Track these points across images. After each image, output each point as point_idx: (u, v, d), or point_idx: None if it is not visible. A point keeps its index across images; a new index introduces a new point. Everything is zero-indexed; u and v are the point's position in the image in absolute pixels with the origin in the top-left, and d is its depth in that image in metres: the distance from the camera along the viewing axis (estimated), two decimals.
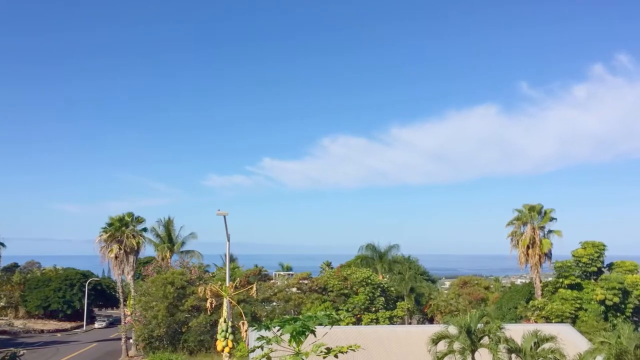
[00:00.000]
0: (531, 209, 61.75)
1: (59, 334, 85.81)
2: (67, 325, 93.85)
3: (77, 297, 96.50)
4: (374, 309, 66.08)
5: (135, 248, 63.20)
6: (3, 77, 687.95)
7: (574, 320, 56.00)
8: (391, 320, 65.34)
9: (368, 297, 65.69)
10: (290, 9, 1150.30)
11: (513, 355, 28.21)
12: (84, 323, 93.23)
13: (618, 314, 58.31)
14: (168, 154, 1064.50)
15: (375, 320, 64.14)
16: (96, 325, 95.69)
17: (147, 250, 70.59)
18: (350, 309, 64.41)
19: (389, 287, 70.21)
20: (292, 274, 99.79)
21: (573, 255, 62.54)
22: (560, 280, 61.07)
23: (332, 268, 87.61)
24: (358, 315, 65.01)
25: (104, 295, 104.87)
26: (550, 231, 61.81)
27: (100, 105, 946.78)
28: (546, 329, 31.72)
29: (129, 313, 65.17)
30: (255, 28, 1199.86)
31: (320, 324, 7.03)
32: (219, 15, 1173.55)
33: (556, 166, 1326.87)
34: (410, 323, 71.77)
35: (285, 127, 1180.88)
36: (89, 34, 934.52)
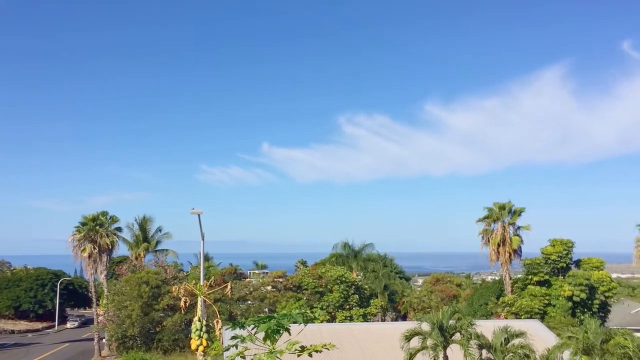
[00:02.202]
0: (501, 207, 62.87)
1: (30, 335, 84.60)
2: (39, 325, 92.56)
3: (48, 297, 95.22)
4: (348, 306, 66.60)
5: (109, 247, 62.67)
6: None
7: (542, 316, 57.17)
8: (365, 318, 65.93)
9: (342, 295, 66.17)
10: None
11: (484, 351, 28.68)
12: (56, 323, 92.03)
13: (585, 310, 59.71)
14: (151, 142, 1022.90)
15: (349, 318, 64.64)
16: (68, 325, 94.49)
17: (121, 249, 70.07)
18: (324, 307, 64.81)
19: (363, 285, 70.83)
20: (267, 273, 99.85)
21: (542, 253, 63.77)
22: (530, 277, 62.34)
23: (306, 266, 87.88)
24: (332, 313, 65.45)
25: (76, 294, 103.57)
26: (519, 227, 63.01)
27: (79, 96, 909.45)
28: (516, 324, 32.36)
29: (101, 313, 64.59)
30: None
31: (295, 322, 7.29)
32: None
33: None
34: (383, 320, 72.47)
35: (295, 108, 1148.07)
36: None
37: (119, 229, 66.12)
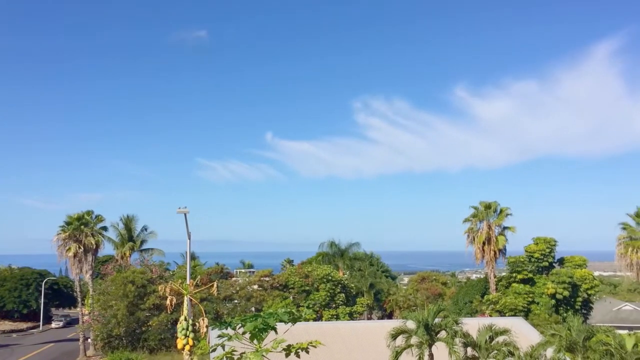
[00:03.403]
0: (487, 206, 63.42)
1: (14, 335, 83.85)
2: (23, 325, 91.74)
3: (33, 296, 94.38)
4: (334, 305, 66.85)
5: (95, 247, 62.35)
6: None
7: (526, 314, 57.76)
8: (351, 316, 66.22)
9: (329, 294, 66.40)
10: None
11: (469, 349, 28.88)
12: (41, 323, 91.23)
13: (568, 307, 60.43)
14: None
15: (335, 317, 64.89)
16: (53, 325, 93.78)
17: (107, 249, 69.71)
18: (311, 306, 64.97)
19: (349, 283, 71.09)
20: (253, 272, 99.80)
21: (526, 251, 64.42)
22: (514, 275, 62.98)
23: (293, 265, 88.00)
24: (319, 312, 65.65)
25: (61, 294, 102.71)
26: (505, 228, 63.61)
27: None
28: (500, 322, 32.61)
29: (87, 312, 64.25)
30: None
31: (281, 321, 7.41)
32: None
33: None
34: (370, 318, 72.78)
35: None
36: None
37: (105, 229, 65.84)
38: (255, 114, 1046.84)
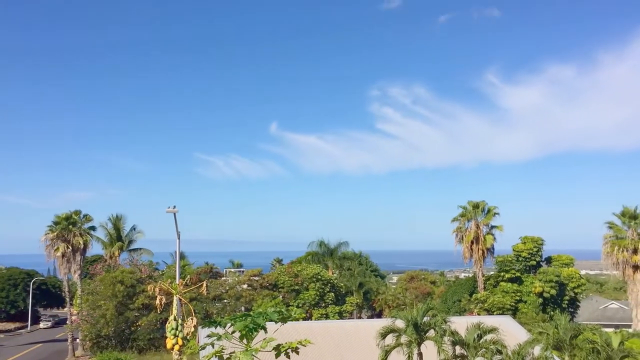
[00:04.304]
0: (475, 206, 63.83)
1: (1, 335, 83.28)
2: (11, 325, 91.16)
3: (21, 296, 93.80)
4: (323, 304, 66.97)
5: (83, 247, 62.10)
6: None
7: (514, 312, 58.25)
8: (341, 315, 66.35)
9: (318, 293, 66.52)
10: None
11: (457, 347, 29.09)
12: (29, 323, 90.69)
13: (555, 306, 61.02)
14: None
15: (325, 316, 65.00)
16: (41, 325, 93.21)
17: (95, 249, 69.42)
18: (300, 305, 65.07)
19: (339, 283, 71.26)
20: (242, 271, 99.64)
21: (513, 250, 64.95)
22: (502, 274, 63.47)
23: (282, 265, 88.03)
24: (308, 311, 65.74)
25: (49, 294, 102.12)
26: (493, 227, 64.07)
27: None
28: (488, 321, 32.82)
29: (75, 312, 63.93)
30: None
31: (271, 321, 7.48)
32: None
33: None
34: (359, 318, 72.98)
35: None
36: None
37: (93, 228, 65.62)
38: (261, 105, 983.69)
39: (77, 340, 63.01)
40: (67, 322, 64.97)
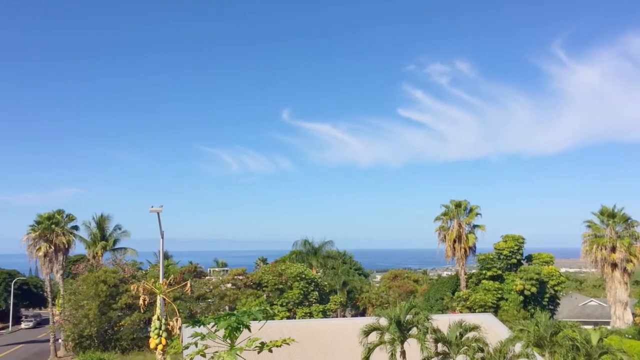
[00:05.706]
0: (457, 205, 64.42)
1: None
2: None
3: (2, 297, 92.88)
4: (307, 303, 67.14)
5: (65, 246, 61.64)
6: None
7: (495, 310, 58.94)
8: (324, 314, 66.59)
9: (302, 292, 66.67)
10: None
11: (440, 345, 29.38)
12: (10, 324, 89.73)
13: (536, 303, 61.79)
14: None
15: (309, 314, 65.19)
16: (23, 325, 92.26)
17: (78, 248, 68.92)
18: (284, 304, 65.18)
19: (323, 281, 71.50)
20: (227, 270, 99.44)
21: (495, 248, 65.63)
22: (484, 272, 64.16)
23: (267, 264, 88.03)
24: (292, 310, 65.88)
25: (31, 294, 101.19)
26: (475, 226, 64.70)
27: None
28: (470, 318, 33.18)
29: (57, 312, 63.44)
30: None
31: (255, 319, 7.61)
32: None
33: None
34: (343, 316, 73.28)
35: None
36: None
37: (76, 228, 65.19)
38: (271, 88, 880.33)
39: (60, 340, 62.52)
40: (50, 322, 64.43)
